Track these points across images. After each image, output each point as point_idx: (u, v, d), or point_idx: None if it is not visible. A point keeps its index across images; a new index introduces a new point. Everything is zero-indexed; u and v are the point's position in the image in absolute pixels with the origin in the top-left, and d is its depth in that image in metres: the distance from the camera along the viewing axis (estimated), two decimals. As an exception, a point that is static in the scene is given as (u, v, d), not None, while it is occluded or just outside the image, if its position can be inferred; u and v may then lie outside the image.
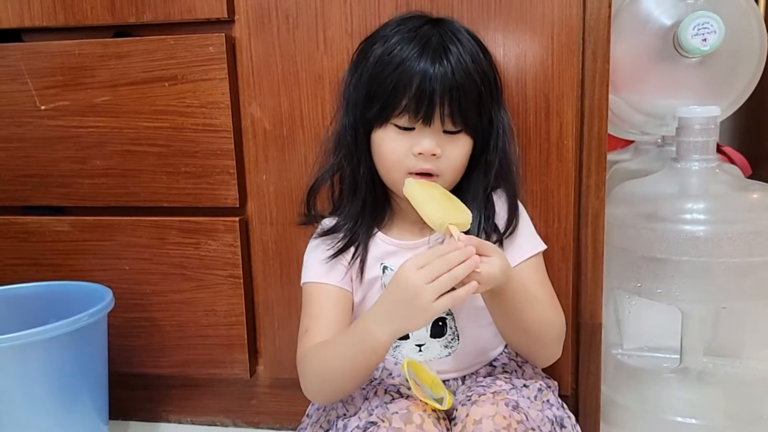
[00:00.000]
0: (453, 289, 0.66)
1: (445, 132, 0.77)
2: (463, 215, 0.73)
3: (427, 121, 0.75)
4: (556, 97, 0.89)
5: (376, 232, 0.84)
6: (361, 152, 0.81)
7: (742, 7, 1.05)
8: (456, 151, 0.78)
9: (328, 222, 0.86)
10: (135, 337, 1.09)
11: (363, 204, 0.83)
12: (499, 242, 0.82)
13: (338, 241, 0.83)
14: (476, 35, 0.81)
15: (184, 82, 0.99)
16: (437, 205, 0.73)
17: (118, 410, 1.10)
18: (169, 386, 1.13)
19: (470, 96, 0.76)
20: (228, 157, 1.00)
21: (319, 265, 0.83)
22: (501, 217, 0.83)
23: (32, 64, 1.03)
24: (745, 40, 1.05)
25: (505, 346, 0.89)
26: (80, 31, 1.03)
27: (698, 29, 0.98)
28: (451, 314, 0.83)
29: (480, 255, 0.67)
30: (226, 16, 0.97)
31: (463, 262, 0.65)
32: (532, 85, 0.90)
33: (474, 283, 0.66)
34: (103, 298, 0.97)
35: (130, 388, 1.13)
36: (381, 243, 0.84)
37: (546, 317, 0.80)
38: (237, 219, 1.02)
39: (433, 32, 0.77)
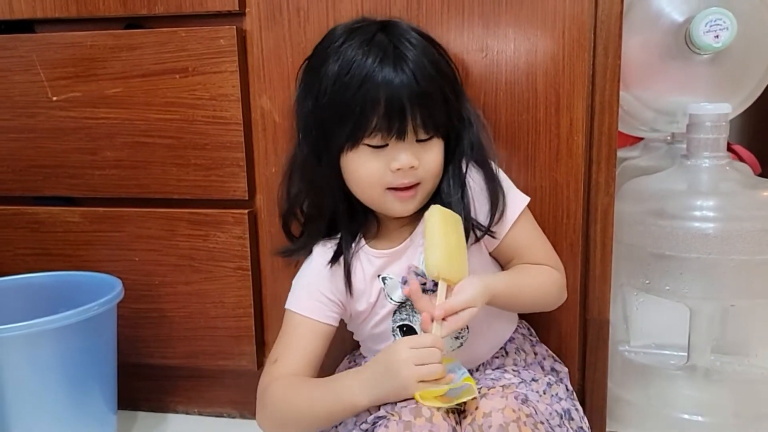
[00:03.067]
0: None
1: (418, 141, 0.76)
2: (458, 274, 0.73)
3: (401, 135, 0.74)
4: (567, 93, 0.89)
5: (363, 245, 0.84)
6: (325, 177, 0.79)
7: (755, 3, 1.04)
8: (431, 157, 0.78)
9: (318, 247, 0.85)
10: (143, 328, 1.09)
11: (329, 224, 0.83)
12: (488, 230, 0.81)
13: (329, 255, 0.83)
14: (424, 32, 0.80)
15: (195, 74, 0.99)
16: (442, 252, 0.73)
17: (126, 400, 1.11)
18: (177, 377, 1.14)
19: (437, 100, 0.76)
20: (237, 149, 1.00)
21: (305, 294, 0.82)
22: (481, 203, 0.81)
23: (44, 55, 1.04)
24: (757, 37, 1.04)
25: (516, 327, 0.89)
26: (92, 23, 1.04)
27: (710, 26, 0.97)
28: None
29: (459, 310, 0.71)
30: (238, 8, 0.97)
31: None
32: (543, 80, 0.90)
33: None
34: (113, 288, 0.97)
35: (138, 378, 1.14)
36: (373, 258, 0.83)
37: (542, 288, 0.83)
38: (246, 211, 1.02)
39: (385, 40, 0.75)
